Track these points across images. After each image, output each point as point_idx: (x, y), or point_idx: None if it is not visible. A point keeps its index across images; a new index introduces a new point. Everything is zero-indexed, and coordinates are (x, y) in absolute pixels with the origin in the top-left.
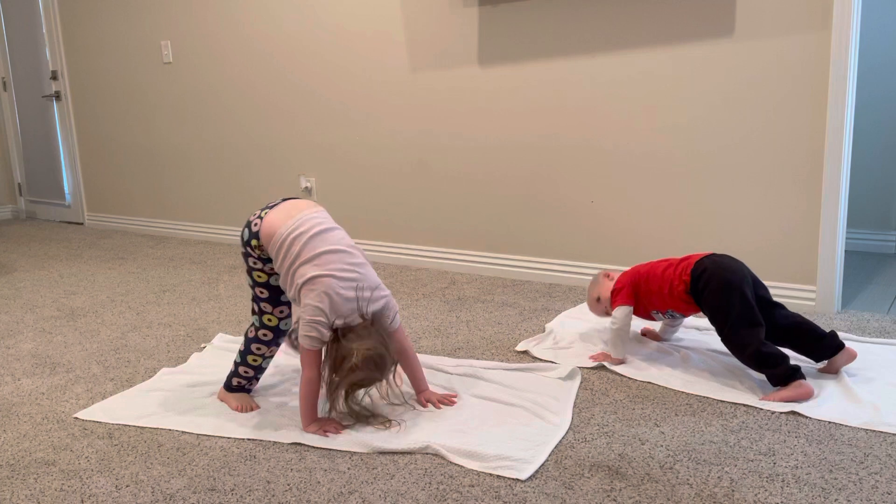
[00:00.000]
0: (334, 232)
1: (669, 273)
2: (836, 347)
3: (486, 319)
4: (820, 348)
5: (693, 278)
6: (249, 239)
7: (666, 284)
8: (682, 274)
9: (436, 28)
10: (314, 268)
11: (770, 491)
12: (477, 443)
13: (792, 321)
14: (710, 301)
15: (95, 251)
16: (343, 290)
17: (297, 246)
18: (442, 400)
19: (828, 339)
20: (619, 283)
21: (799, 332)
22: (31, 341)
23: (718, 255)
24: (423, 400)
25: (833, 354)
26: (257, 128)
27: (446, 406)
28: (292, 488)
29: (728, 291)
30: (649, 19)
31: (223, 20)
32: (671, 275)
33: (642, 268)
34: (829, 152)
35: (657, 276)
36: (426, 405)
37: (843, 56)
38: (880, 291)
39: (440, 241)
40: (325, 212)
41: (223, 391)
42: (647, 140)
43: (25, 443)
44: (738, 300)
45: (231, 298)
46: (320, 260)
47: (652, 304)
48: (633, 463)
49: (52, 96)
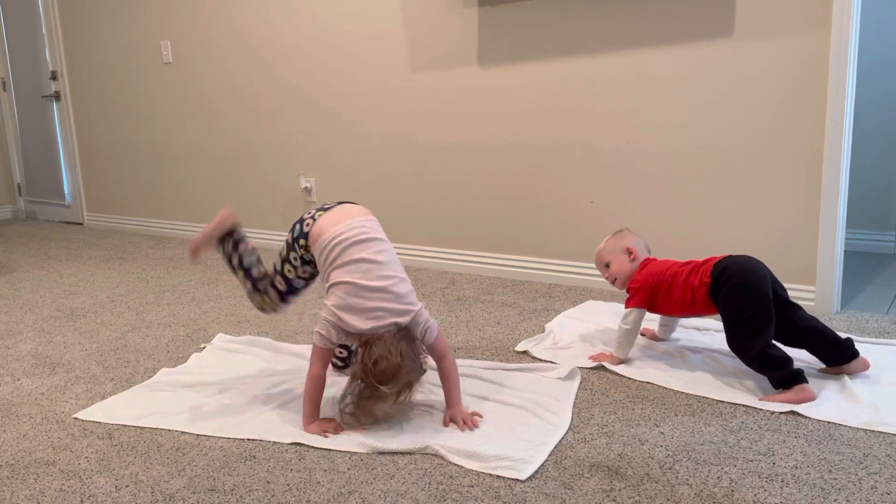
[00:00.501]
0: (375, 242)
1: (693, 280)
2: (851, 355)
3: (485, 319)
4: (835, 354)
5: (713, 278)
6: (298, 237)
7: (689, 291)
8: (703, 276)
9: (435, 29)
10: (343, 273)
11: (769, 491)
12: (476, 443)
13: (810, 324)
14: (726, 298)
15: (95, 251)
16: (362, 300)
17: (335, 251)
18: (466, 421)
19: (843, 346)
20: (637, 281)
21: (815, 335)
22: (30, 341)
23: (738, 256)
24: (447, 418)
25: (847, 361)
26: (257, 128)
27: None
28: (292, 488)
29: (747, 290)
30: (648, 20)
31: (223, 21)
32: (694, 281)
33: (661, 268)
34: (828, 152)
35: (679, 284)
36: (448, 424)
37: (842, 56)
38: (879, 292)
39: (440, 241)
40: (376, 221)
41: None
42: (646, 140)
43: (25, 443)
44: (755, 300)
45: (231, 299)
46: (351, 267)
47: (672, 310)
48: (632, 463)
49: (52, 96)
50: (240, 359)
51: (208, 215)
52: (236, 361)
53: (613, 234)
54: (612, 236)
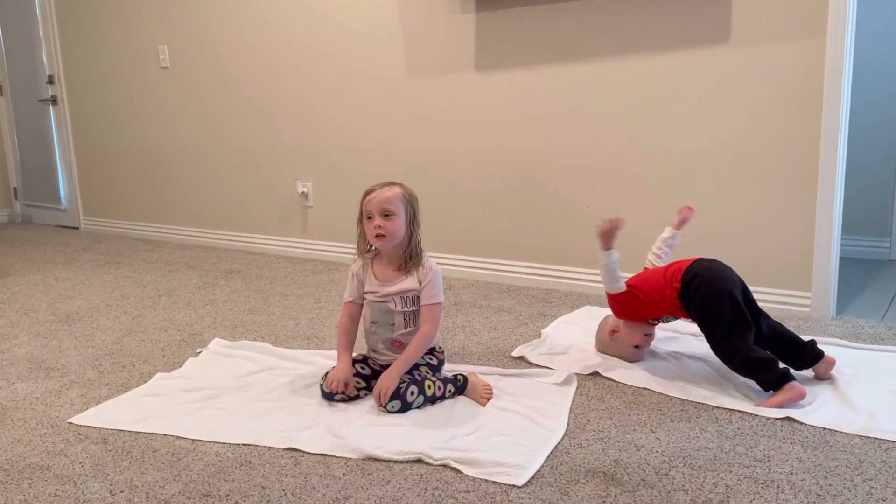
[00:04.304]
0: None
1: (659, 279)
2: (816, 357)
3: (482, 325)
4: (800, 358)
5: (684, 284)
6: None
7: (656, 292)
8: (673, 280)
9: (433, 34)
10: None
11: (765, 497)
12: (473, 448)
13: (773, 331)
14: (700, 307)
15: (91, 255)
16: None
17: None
18: (382, 396)
19: (807, 348)
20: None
21: (780, 341)
22: (25, 345)
23: (708, 260)
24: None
25: (812, 364)
26: (254, 133)
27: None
28: (287, 494)
29: (719, 298)
30: (646, 26)
31: (220, 25)
32: (661, 282)
33: (634, 278)
34: (823, 158)
35: (649, 285)
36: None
37: (837, 62)
38: (875, 298)
39: (437, 246)
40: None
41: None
42: (642, 146)
43: (20, 447)
44: (729, 307)
45: (227, 303)
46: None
47: (649, 311)
48: (628, 469)
49: (49, 100)
50: (236, 364)
51: (205, 220)
52: (232, 366)
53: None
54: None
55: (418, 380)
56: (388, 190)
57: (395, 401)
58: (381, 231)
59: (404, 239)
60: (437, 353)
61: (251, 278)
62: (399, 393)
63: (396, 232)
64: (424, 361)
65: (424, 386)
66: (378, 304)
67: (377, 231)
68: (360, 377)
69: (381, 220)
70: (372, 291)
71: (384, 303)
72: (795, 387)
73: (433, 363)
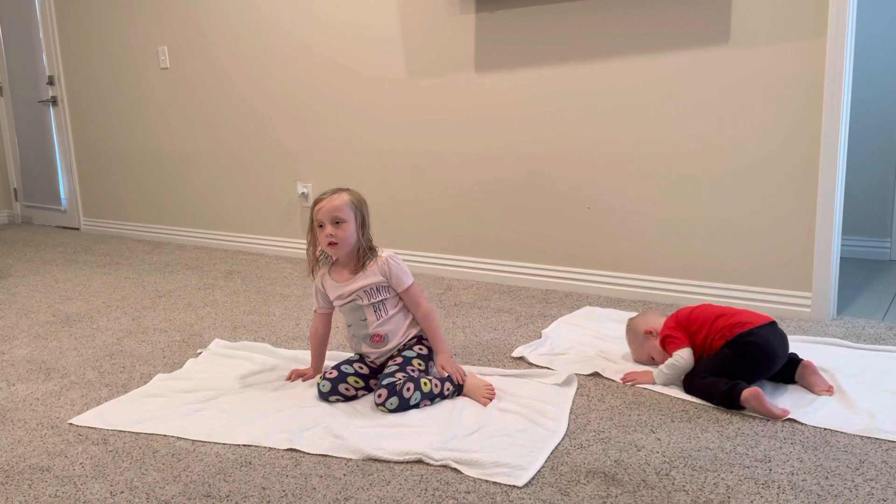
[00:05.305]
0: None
1: (718, 324)
2: (794, 362)
3: (482, 325)
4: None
5: (738, 336)
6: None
7: (711, 336)
8: (729, 330)
9: (433, 34)
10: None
11: (766, 497)
12: (473, 449)
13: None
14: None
15: (91, 256)
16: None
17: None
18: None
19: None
20: (667, 329)
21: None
22: (25, 346)
23: (774, 331)
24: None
25: (792, 371)
26: (254, 133)
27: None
28: (287, 494)
29: (748, 362)
30: (645, 27)
31: (221, 27)
32: (720, 325)
33: (685, 312)
34: (824, 159)
35: (707, 325)
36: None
37: (838, 63)
38: (875, 298)
39: (436, 247)
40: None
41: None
42: (642, 147)
43: (20, 448)
44: (742, 373)
45: (227, 304)
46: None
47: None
48: (629, 469)
49: (49, 101)
50: (236, 364)
51: (205, 221)
52: (232, 367)
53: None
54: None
55: (414, 377)
56: (336, 197)
57: (393, 397)
58: (332, 239)
59: (356, 243)
60: (425, 341)
61: (251, 279)
62: (396, 390)
63: (348, 238)
64: (415, 353)
65: (421, 383)
66: (347, 305)
67: (329, 239)
68: (358, 377)
69: (333, 228)
70: (338, 296)
71: (352, 301)
72: (751, 389)
73: (423, 353)
